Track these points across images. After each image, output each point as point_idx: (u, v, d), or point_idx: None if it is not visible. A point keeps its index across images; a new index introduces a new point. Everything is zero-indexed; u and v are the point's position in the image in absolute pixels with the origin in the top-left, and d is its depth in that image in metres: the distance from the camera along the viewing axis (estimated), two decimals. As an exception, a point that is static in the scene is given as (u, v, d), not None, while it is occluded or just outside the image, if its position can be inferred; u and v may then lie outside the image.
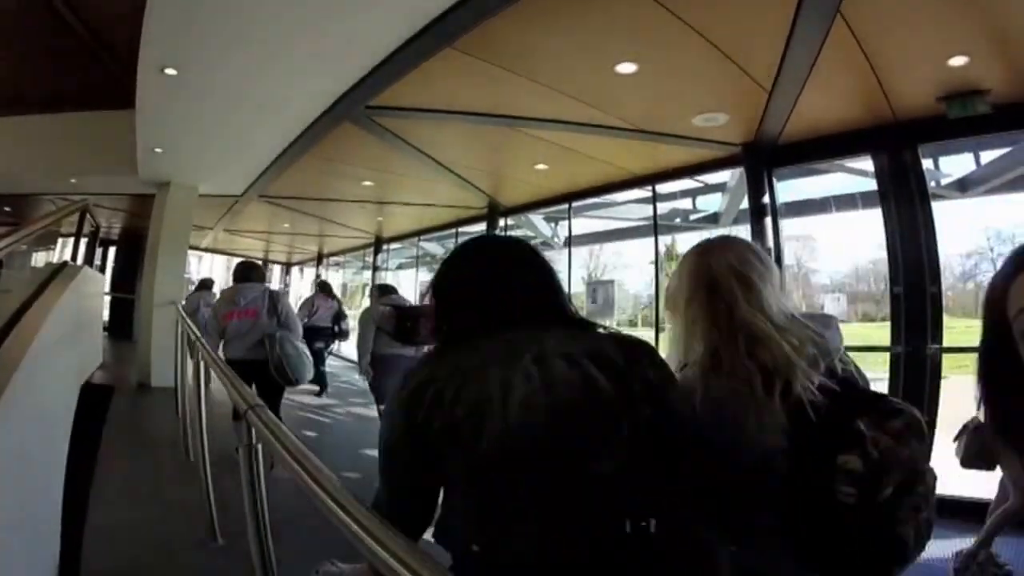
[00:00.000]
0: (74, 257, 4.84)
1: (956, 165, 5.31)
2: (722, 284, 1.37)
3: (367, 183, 7.89)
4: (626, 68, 4.05)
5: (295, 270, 19.18)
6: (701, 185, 7.13)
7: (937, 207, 4.44)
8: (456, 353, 1.21)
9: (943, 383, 4.34)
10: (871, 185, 4.78)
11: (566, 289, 1.38)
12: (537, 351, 1.16)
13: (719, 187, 7.01)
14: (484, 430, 1.09)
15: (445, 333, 1.29)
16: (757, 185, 5.17)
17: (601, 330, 1.31)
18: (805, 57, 3.60)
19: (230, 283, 5.08)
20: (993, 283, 0.84)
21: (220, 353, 4.38)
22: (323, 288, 9.09)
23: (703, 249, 1.47)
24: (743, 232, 5.44)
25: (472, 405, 1.11)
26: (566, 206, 7.62)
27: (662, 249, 6.65)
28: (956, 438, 3.33)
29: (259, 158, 6.71)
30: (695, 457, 1.22)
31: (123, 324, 11.94)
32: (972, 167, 5.23)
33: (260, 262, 5.10)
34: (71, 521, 3.06)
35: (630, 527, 1.10)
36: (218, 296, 6.34)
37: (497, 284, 1.28)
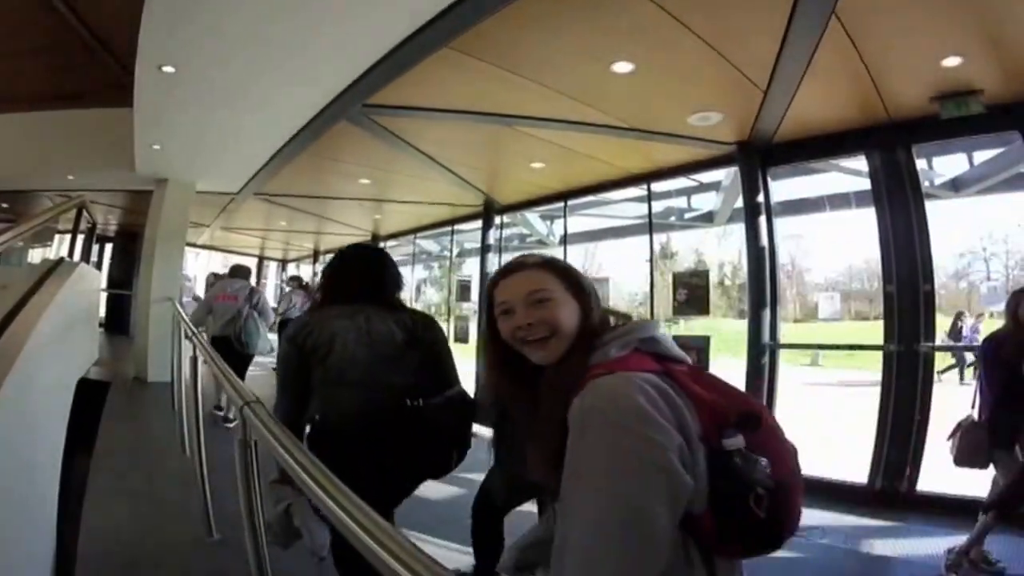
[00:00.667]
0: (71, 253, 4.84)
1: (950, 165, 5.34)
2: None
3: (364, 181, 7.87)
4: (622, 67, 4.05)
5: (291, 267, 19.11)
6: (696, 184, 7.12)
7: (931, 206, 4.46)
8: (322, 312, 2.30)
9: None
10: (865, 184, 4.78)
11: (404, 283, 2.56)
12: (365, 315, 2.25)
13: (714, 186, 7.02)
14: (332, 352, 2.16)
15: (320, 302, 2.40)
16: (751, 184, 5.18)
17: (408, 309, 2.45)
18: (800, 57, 3.61)
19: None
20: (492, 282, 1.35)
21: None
22: (298, 283, 9.99)
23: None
24: (738, 231, 5.46)
25: (327, 338, 2.18)
26: (562, 204, 7.60)
27: (657, 248, 6.65)
28: (950, 436, 3.36)
29: (256, 156, 6.70)
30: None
31: (120, 320, 11.93)
32: (965, 167, 5.25)
33: (248, 265, 6.65)
34: (67, 516, 3.06)
35: (411, 403, 2.21)
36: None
37: (348, 278, 2.37)
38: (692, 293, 5.54)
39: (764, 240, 5.09)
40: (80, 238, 5.01)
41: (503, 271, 1.33)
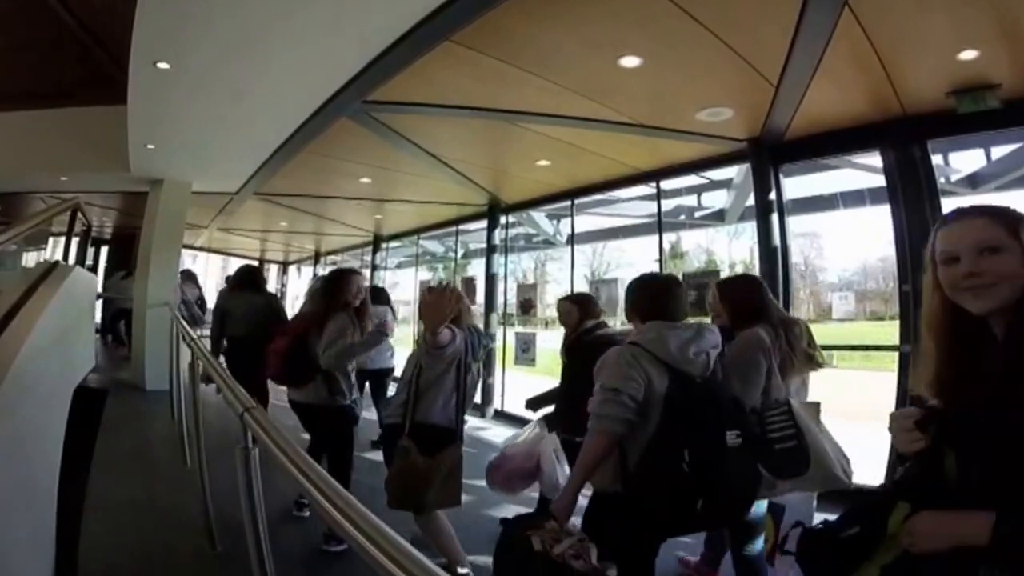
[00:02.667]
0: (65, 257, 4.75)
1: (966, 161, 5.27)
2: None
3: (365, 180, 7.80)
4: (630, 62, 3.99)
5: (292, 269, 19.00)
6: (706, 181, 7.03)
7: (947, 204, 4.40)
8: (232, 294, 5.59)
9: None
10: (880, 181, 4.72)
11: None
12: (249, 295, 5.48)
13: (725, 183, 6.94)
14: (231, 313, 5.37)
15: (231, 288, 5.73)
16: (763, 181, 5.13)
17: (271, 293, 6.38)
18: (813, 50, 3.56)
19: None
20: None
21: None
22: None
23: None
24: (750, 229, 5.42)
25: (229, 306, 5.43)
26: (569, 203, 7.56)
27: (667, 247, 6.57)
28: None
29: (254, 155, 6.65)
30: None
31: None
32: (983, 163, 5.18)
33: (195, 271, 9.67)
34: (66, 529, 3.03)
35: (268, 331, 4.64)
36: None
37: (244, 279, 5.68)
38: (703, 294, 5.48)
39: (776, 239, 5.04)
40: (75, 241, 4.91)
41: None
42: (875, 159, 4.80)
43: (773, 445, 2.30)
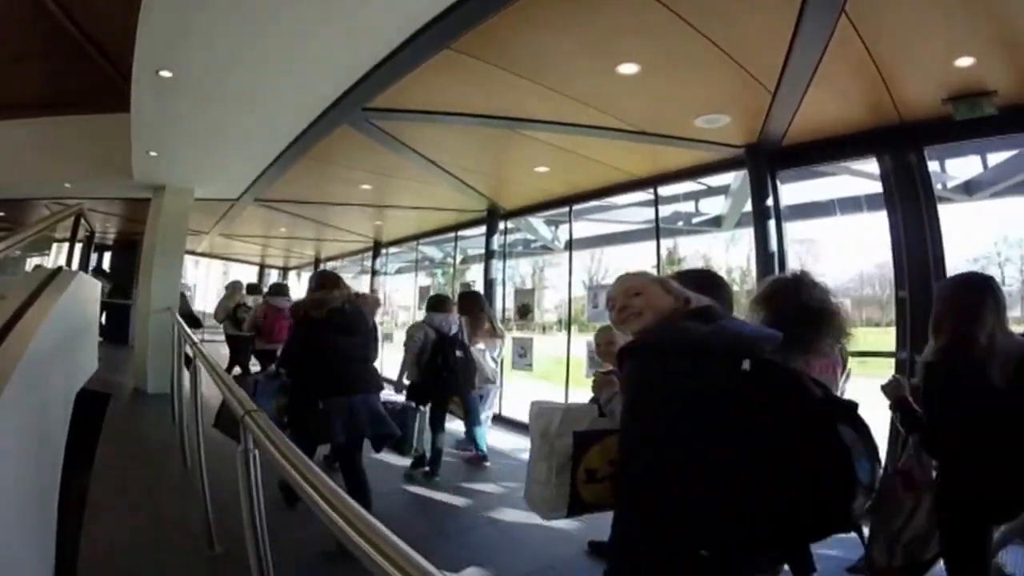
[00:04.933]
0: (68, 262, 4.77)
1: (963, 167, 5.24)
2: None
3: (365, 186, 7.85)
4: (627, 69, 4.01)
5: (292, 275, 19.01)
6: (704, 188, 7.05)
7: (943, 210, 4.37)
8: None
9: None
10: (876, 188, 4.70)
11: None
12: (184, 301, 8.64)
13: (722, 190, 6.94)
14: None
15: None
16: (760, 187, 5.12)
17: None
18: (809, 57, 3.57)
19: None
20: None
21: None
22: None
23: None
24: (747, 235, 5.41)
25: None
26: (567, 209, 7.55)
27: (664, 253, 6.57)
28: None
29: (256, 161, 6.67)
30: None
31: (119, 329, 11.83)
32: (979, 170, 5.16)
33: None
34: (67, 532, 3.02)
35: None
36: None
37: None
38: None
39: (773, 245, 5.02)
40: (78, 247, 4.93)
41: None
42: (872, 165, 4.78)
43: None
